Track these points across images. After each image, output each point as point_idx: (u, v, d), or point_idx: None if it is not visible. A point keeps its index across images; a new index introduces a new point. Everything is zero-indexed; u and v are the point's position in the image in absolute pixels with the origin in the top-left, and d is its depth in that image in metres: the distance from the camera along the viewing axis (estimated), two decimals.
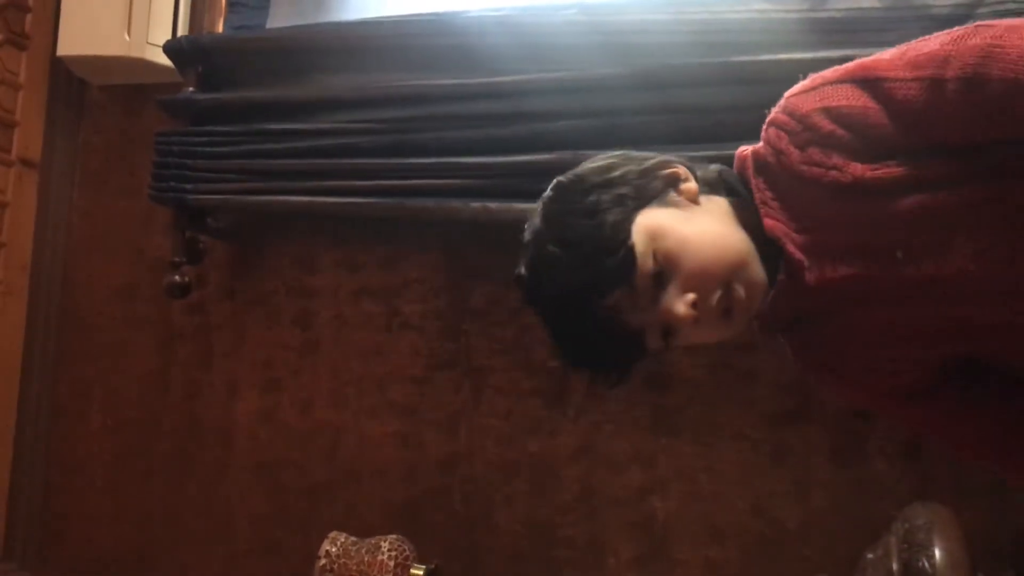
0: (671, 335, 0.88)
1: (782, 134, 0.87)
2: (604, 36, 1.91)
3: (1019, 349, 0.88)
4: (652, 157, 0.93)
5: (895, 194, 0.82)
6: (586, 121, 1.91)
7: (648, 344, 0.89)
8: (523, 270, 0.92)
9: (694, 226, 0.88)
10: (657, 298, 0.86)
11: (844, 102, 0.84)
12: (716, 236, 0.88)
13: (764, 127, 0.90)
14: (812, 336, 0.93)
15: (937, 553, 1.51)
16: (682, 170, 0.92)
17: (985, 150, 0.81)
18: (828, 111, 0.84)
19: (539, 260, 0.90)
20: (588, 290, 0.86)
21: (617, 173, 0.91)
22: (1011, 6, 1.68)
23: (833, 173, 0.83)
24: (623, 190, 0.89)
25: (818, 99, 0.86)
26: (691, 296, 0.85)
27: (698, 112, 1.84)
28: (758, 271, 0.88)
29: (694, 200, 0.91)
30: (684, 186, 0.91)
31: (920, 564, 1.51)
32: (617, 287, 0.86)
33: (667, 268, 0.86)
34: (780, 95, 0.92)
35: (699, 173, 0.93)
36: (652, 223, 0.87)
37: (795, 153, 0.85)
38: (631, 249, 0.85)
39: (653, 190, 0.90)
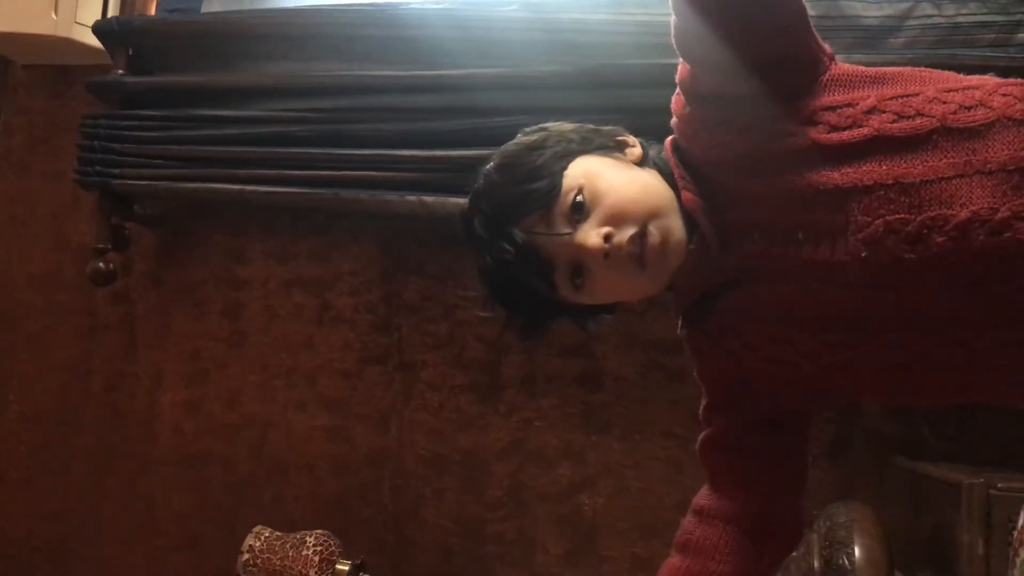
0: (581, 275, 0.91)
1: (679, 126, 0.95)
2: (545, 33, 1.91)
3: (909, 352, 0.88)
4: (610, 126, 1.01)
5: (796, 169, 0.84)
6: (525, 117, 1.84)
7: (558, 283, 0.92)
8: (468, 201, 0.98)
9: (626, 175, 0.93)
10: (574, 231, 0.90)
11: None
12: (644, 183, 0.93)
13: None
14: (718, 310, 0.96)
15: (857, 550, 1.55)
16: (632, 138, 0.99)
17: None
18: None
19: (481, 185, 0.96)
20: (510, 207, 0.91)
21: (572, 126, 0.99)
22: (938, 20, 1.73)
23: (720, 149, 0.89)
24: (572, 136, 0.96)
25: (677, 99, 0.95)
26: (605, 229, 0.88)
27: (636, 112, 1.82)
28: (677, 225, 0.91)
29: (636, 162, 0.96)
30: (630, 149, 0.97)
31: (840, 561, 1.55)
32: (536, 210, 0.90)
33: (589, 204, 0.90)
34: None
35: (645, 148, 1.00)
36: (588, 165, 0.93)
37: (695, 140, 0.92)
38: (559, 179, 0.91)
39: (600, 143, 0.96)
